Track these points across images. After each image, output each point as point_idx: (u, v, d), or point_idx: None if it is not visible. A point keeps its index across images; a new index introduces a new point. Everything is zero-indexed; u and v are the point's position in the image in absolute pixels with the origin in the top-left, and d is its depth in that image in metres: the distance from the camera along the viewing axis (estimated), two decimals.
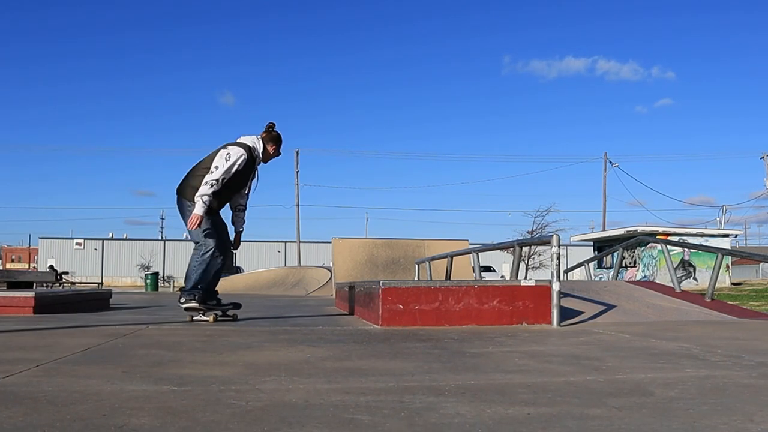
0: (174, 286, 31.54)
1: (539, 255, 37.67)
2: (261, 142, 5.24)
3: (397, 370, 2.88)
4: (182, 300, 5.23)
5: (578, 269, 13.94)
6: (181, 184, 5.24)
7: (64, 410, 2.03)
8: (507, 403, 2.19)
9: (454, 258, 10.16)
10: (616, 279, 14.67)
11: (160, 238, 66.85)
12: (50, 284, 19.57)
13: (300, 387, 2.47)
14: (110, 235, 64.95)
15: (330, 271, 18.25)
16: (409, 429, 1.84)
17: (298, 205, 42.96)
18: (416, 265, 12.19)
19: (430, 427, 1.86)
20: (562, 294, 5.32)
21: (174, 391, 2.35)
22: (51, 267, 24.39)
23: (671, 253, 18.91)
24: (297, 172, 45.09)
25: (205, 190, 4.94)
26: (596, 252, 29.88)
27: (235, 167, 5.04)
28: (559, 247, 5.30)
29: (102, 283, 33.93)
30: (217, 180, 4.97)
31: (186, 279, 5.23)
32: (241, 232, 5.54)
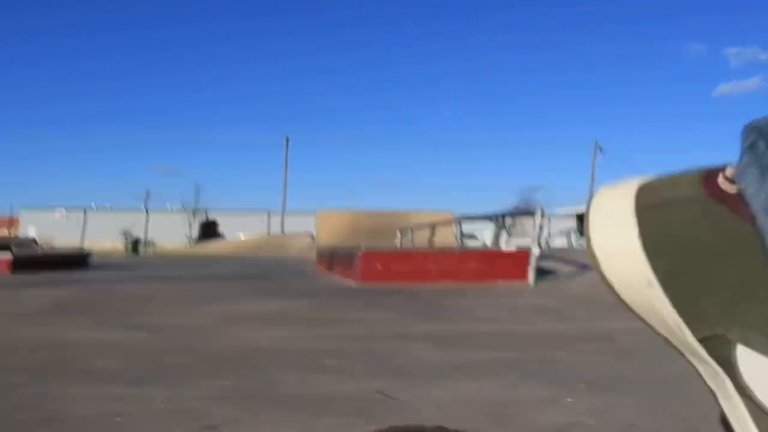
0: (155, 251, 31.08)
1: (522, 226, 37.88)
2: None
3: (369, 320, 2.90)
4: None
5: (561, 240, 14.10)
6: None
7: (31, 356, 2.03)
8: (472, 348, 2.22)
9: (438, 228, 10.19)
10: None
11: (143, 208, 66.14)
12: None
13: (272, 335, 2.48)
14: (92, 205, 64.21)
15: (313, 238, 18.24)
16: (373, 370, 1.86)
17: (285, 190, 42.21)
18: (398, 234, 12.21)
19: (392, 368, 1.88)
20: (542, 257, 5.40)
21: (144, 338, 2.36)
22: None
23: None
24: (286, 161, 44.30)
25: None
26: (580, 224, 30.12)
27: None
28: (542, 217, 5.40)
29: (83, 248, 33.61)
30: None
31: None
32: None
